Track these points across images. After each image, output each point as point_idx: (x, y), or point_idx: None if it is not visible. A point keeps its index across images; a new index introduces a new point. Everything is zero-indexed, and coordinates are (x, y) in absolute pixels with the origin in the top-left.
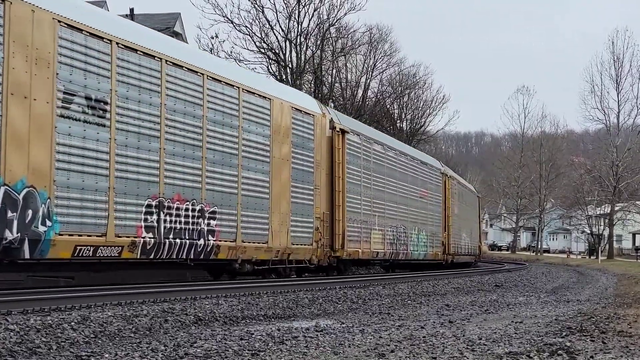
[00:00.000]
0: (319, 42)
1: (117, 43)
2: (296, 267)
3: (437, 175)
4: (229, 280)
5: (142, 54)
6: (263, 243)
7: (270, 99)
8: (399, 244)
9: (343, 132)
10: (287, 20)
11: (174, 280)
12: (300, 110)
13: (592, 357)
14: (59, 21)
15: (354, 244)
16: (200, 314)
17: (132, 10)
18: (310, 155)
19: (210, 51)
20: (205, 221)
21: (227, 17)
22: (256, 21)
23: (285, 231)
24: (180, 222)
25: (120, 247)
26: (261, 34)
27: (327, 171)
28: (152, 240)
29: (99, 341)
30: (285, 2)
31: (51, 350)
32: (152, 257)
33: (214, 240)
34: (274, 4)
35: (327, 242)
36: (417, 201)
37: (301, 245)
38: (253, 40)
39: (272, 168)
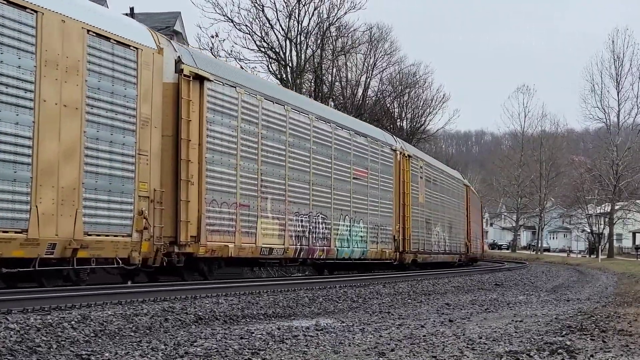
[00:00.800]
0: (319, 41)
1: None
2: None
3: (386, 152)
4: (229, 280)
5: None
6: (16, 232)
7: (36, 11)
8: (315, 238)
9: (200, 78)
10: (287, 19)
11: (174, 280)
12: (108, 38)
13: (592, 355)
14: None
15: (222, 236)
16: (200, 313)
17: (132, 9)
18: (130, 106)
19: (211, 50)
20: None
21: (227, 16)
22: (256, 20)
23: (72, 215)
24: None
25: None
26: (261, 33)
27: (168, 132)
28: None
29: (99, 340)
30: (286, 1)
31: (51, 349)
32: None
33: None
34: (274, 3)
35: (166, 233)
36: (347, 183)
37: (108, 236)
38: (253, 39)
39: (39, 118)
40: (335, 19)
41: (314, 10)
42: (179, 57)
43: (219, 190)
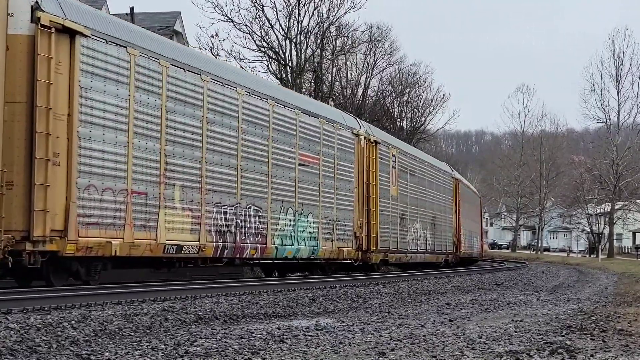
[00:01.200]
0: (319, 40)
1: None
2: None
3: (344, 136)
4: (229, 279)
5: None
6: None
7: None
8: (244, 234)
9: (71, 32)
10: (287, 19)
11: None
12: None
13: (592, 355)
14: None
15: (104, 230)
16: (200, 313)
17: (132, 9)
18: None
19: (211, 50)
20: None
21: (227, 16)
22: (256, 20)
23: None
24: None
25: None
26: (261, 32)
27: (20, 98)
28: None
29: (99, 340)
30: (286, 0)
31: (51, 349)
32: None
33: None
34: (274, 3)
35: (15, 226)
36: (290, 170)
37: None
38: (253, 39)
39: None
40: (335, 19)
41: (314, 10)
42: (36, 2)
43: (100, 174)
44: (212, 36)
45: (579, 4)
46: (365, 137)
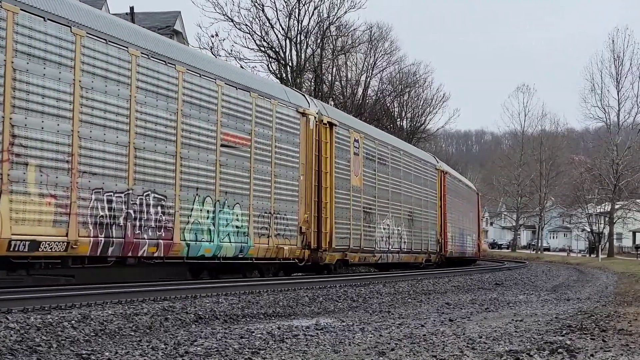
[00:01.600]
0: (319, 40)
1: None
2: None
3: (286, 115)
4: (230, 279)
5: None
6: None
7: None
8: (141, 227)
9: None
10: (287, 19)
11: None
12: None
13: (592, 355)
14: None
15: None
16: (200, 313)
17: (132, 8)
18: None
19: (211, 50)
20: None
21: (227, 16)
22: (256, 20)
23: None
24: None
25: None
26: (261, 32)
27: None
28: None
29: (100, 340)
30: (286, 0)
31: (51, 349)
32: None
33: None
34: (274, 3)
35: None
36: (209, 151)
37: None
38: (253, 39)
39: None
40: (335, 19)
41: (314, 9)
42: None
43: None
44: (212, 36)
45: (579, 4)
46: (316, 118)
